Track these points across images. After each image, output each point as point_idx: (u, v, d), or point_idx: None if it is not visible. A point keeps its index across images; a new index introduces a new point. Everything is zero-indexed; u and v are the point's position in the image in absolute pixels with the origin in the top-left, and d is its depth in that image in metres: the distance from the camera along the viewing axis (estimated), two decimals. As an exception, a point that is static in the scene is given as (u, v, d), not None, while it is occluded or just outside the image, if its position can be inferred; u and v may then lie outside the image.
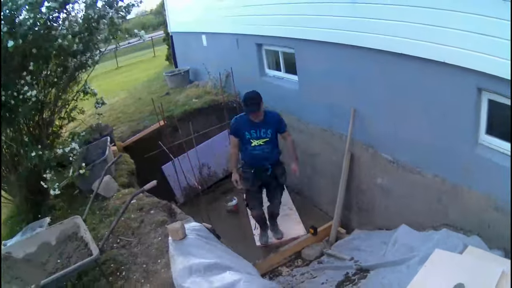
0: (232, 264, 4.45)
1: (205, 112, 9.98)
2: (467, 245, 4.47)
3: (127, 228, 5.54)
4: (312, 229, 6.89)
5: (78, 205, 6.47)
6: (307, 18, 6.88)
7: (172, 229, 4.57)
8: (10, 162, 6.14)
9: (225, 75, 10.27)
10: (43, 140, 6.25)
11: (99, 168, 6.37)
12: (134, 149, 8.77)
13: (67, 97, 6.98)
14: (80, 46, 6.14)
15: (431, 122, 5.21)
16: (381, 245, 5.69)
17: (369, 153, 6.44)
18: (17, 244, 4.74)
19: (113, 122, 10.28)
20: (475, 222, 4.84)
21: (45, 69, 6.24)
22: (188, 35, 12.75)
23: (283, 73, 8.70)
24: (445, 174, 5.21)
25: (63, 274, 3.95)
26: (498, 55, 3.91)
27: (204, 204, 7.63)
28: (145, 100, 11.86)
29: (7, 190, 6.47)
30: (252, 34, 8.95)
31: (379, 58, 5.66)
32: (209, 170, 9.80)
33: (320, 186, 8.12)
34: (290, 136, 6.54)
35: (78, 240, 4.63)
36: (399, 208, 6.13)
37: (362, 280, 5.08)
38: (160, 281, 4.47)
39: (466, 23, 4.18)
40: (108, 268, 4.80)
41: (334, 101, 6.95)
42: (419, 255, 4.66)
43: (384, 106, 5.93)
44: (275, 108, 8.55)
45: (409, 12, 4.88)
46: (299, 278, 6.01)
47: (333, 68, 6.77)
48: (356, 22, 5.79)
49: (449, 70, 4.59)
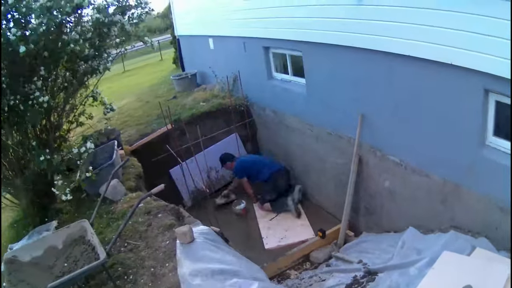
0: (241, 268, 4.44)
1: (212, 116, 9.97)
2: (475, 247, 4.44)
3: (135, 231, 5.54)
4: (320, 232, 6.87)
5: (85, 208, 6.47)
6: (314, 20, 6.86)
7: (180, 232, 4.56)
8: (16, 166, 6.15)
9: (232, 78, 10.28)
10: (50, 144, 6.26)
11: (107, 171, 6.37)
12: (142, 153, 8.77)
13: (75, 102, 7.00)
14: (92, 51, 6.16)
15: (438, 124, 5.18)
16: (389, 248, 5.66)
17: (377, 156, 6.41)
18: (23, 247, 4.74)
19: (120, 125, 10.30)
20: (483, 224, 4.81)
21: (54, 73, 6.25)
22: (195, 39, 12.77)
23: (290, 76, 8.67)
24: (452, 176, 5.18)
25: (70, 278, 3.95)
26: (504, 56, 3.88)
27: (212, 208, 7.62)
28: (153, 104, 11.88)
29: (13, 194, 6.48)
30: (259, 37, 8.92)
31: (386, 61, 5.63)
32: (217, 174, 9.81)
33: (328, 189, 8.09)
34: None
35: (85, 244, 4.62)
36: (406, 211, 6.10)
37: (371, 283, 5.05)
38: (168, 284, 4.46)
39: (472, 24, 4.16)
40: (115, 271, 4.80)
41: (342, 104, 6.92)
42: (427, 257, 4.63)
43: (392, 108, 5.90)
44: (283, 111, 8.59)
45: (415, 13, 4.86)
46: (307, 281, 5.98)
47: (341, 71, 6.74)
48: (363, 24, 5.77)
49: (456, 71, 4.56)
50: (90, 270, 4.10)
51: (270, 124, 9.61)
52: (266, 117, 9.66)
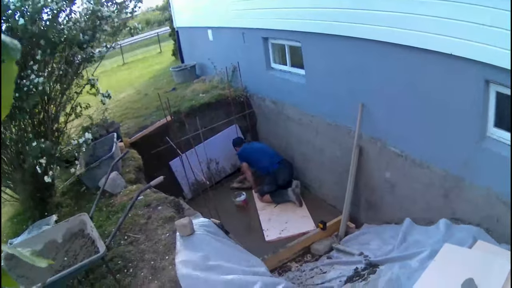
0: (240, 263, 4.43)
1: (212, 107, 9.93)
2: (476, 239, 4.43)
3: (135, 224, 5.52)
4: (321, 223, 6.85)
5: (85, 202, 6.46)
6: (314, 10, 6.82)
7: (180, 224, 4.55)
8: (15, 160, 6.12)
9: (231, 69, 10.24)
10: (48, 136, 6.23)
11: (106, 164, 6.36)
12: (141, 145, 8.74)
13: (71, 92, 6.95)
14: (86, 37, 6.15)
15: (438, 115, 5.16)
16: (390, 240, 5.65)
17: (377, 146, 6.39)
18: (23, 242, 4.73)
19: (120, 118, 10.26)
20: (483, 216, 4.80)
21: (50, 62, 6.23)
22: (194, 30, 12.72)
23: (289, 67, 8.63)
24: (453, 167, 5.16)
25: (70, 272, 3.93)
26: (505, 47, 3.85)
27: (212, 200, 7.60)
28: (152, 96, 11.84)
29: (12, 188, 6.46)
30: (258, 28, 8.89)
31: (386, 51, 5.60)
32: (217, 165, 9.79)
33: (328, 181, 8.07)
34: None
35: (85, 238, 4.60)
36: (407, 202, 6.08)
37: (372, 275, 5.04)
38: (168, 277, 4.45)
39: (473, 14, 4.13)
40: (115, 265, 4.79)
41: (341, 95, 6.89)
42: (428, 249, 4.62)
43: (392, 98, 5.88)
44: (283, 101, 8.57)
45: (416, 3, 4.83)
46: (308, 274, 5.97)
47: (340, 61, 6.71)
48: (363, 14, 5.74)
49: (456, 62, 4.54)
50: (89, 263, 4.08)
51: (270, 115, 9.57)
52: (266, 108, 9.63)
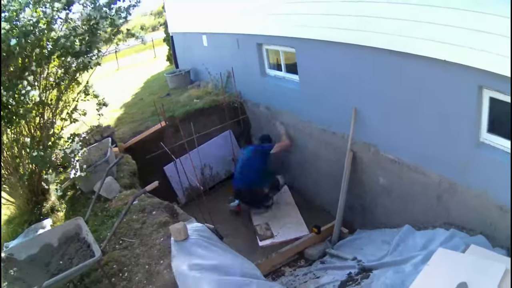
0: (235, 266, 4.44)
1: (206, 113, 9.96)
2: (470, 244, 4.46)
3: (129, 229, 5.53)
4: (315, 228, 6.87)
5: (80, 206, 6.46)
6: (308, 16, 6.86)
7: (174, 229, 4.56)
8: (11, 164, 6.13)
9: (226, 75, 10.27)
10: (44, 141, 6.23)
11: (101, 169, 6.36)
12: (136, 150, 8.75)
13: (68, 98, 6.95)
14: (83, 47, 6.14)
15: (432, 121, 5.19)
16: (383, 245, 5.68)
17: (371, 152, 6.43)
18: (19, 245, 4.72)
19: (114, 123, 10.27)
20: (478, 221, 4.83)
21: (46, 69, 6.23)
22: (189, 36, 12.74)
23: (284, 72, 8.67)
24: (447, 172, 5.20)
25: (65, 276, 3.94)
26: (498, 52, 3.90)
27: (206, 205, 7.61)
28: (147, 101, 11.86)
29: (8, 192, 6.45)
30: (253, 34, 8.93)
31: (380, 57, 5.64)
32: (211, 171, 9.79)
33: (322, 185, 8.10)
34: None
35: (80, 242, 4.61)
36: (401, 207, 6.12)
37: (365, 280, 5.06)
38: (163, 281, 4.46)
39: (465, 20, 4.17)
40: (110, 269, 4.80)
41: (335, 101, 6.93)
42: (422, 254, 4.64)
43: (386, 104, 5.91)
44: (277, 107, 8.60)
45: (409, 10, 4.87)
46: (302, 278, 5.98)
47: (334, 67, 6.75)
48: (357, 20, 5.77)
49: (450, 68, 4.58)
50: (85, 267, 4.09)
51: (264, 120, 9.59)
52: (260, 113, 9.66)
